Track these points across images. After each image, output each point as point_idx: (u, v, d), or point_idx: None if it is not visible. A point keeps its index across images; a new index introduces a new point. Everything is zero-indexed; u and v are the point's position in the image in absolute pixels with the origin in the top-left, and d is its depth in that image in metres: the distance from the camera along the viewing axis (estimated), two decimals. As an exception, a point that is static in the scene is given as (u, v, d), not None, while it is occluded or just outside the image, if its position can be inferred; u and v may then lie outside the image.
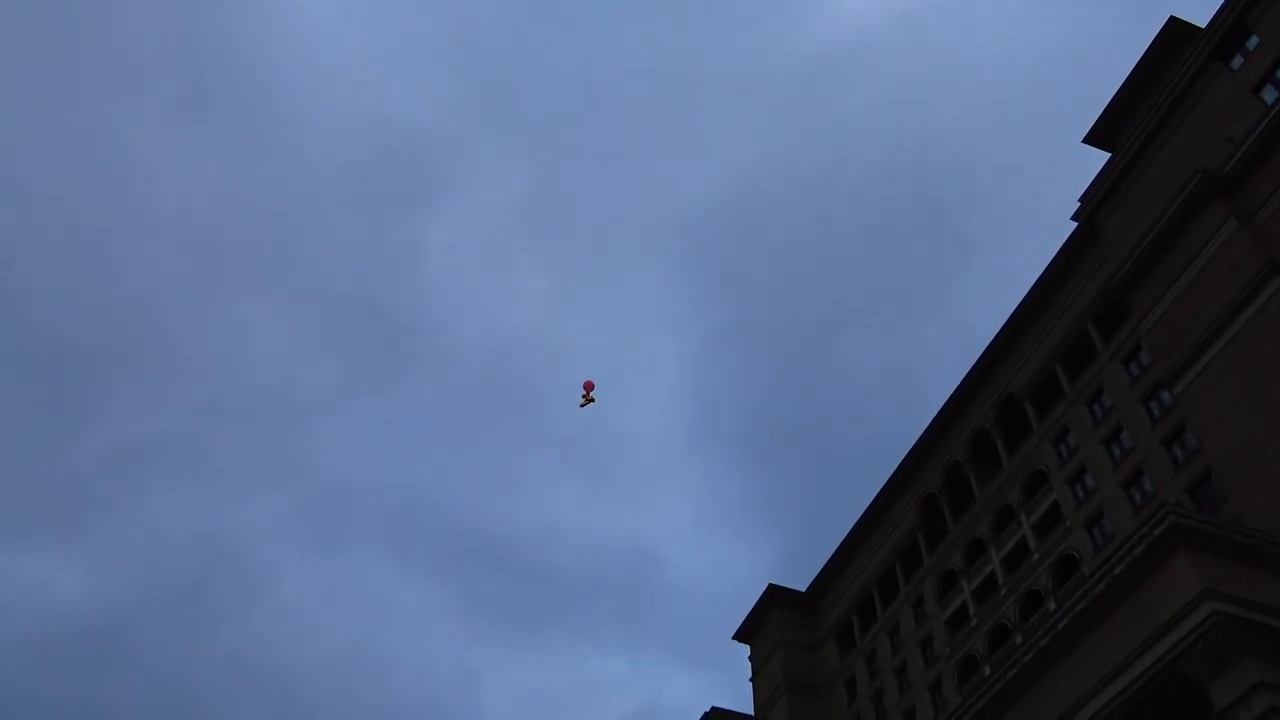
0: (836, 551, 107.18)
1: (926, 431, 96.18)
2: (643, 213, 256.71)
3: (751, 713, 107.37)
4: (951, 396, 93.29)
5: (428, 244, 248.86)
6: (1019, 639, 75.13)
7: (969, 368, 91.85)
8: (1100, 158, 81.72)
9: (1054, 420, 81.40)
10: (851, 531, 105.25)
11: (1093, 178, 78.16)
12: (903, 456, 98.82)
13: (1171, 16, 75.65)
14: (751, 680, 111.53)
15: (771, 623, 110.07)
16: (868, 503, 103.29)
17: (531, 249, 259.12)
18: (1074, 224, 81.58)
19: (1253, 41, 68.24)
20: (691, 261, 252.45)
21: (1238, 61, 68.96)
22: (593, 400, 67.70)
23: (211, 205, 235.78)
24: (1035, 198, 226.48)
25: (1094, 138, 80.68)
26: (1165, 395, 69.05)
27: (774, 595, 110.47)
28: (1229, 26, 69.15)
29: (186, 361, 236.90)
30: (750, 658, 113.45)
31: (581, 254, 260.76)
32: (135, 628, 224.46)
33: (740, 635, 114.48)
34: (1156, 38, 75.85)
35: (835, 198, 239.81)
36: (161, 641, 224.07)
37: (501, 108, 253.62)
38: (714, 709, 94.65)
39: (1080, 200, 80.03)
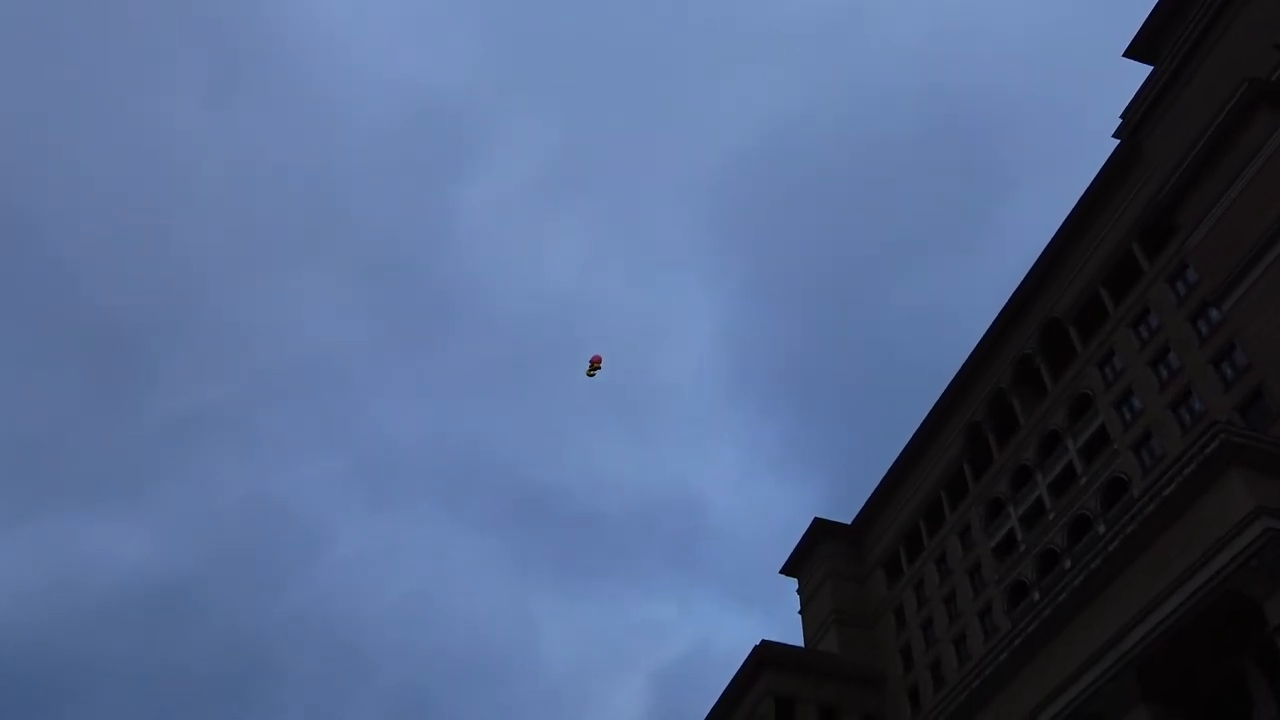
0: (881, 483, 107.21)
1: (969, 360, 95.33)
2: (674, 164, 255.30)
3: (802, 647, 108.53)
4: (994, 323, 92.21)
5: (462, 208, 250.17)
6: (1068, 563, 75.02)
7: (1010, 294, 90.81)
8: (1141, 75, 79.46)
9: (1099, 343, 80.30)
10: (896, 463, 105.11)
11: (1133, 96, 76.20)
12: (945, 387, 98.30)
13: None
14: (800, 613, 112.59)
15: (819, 555, 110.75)
16: (910, 438, 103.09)
17: (565, 206, 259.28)
18: (1115, 150, 79.60)
19: (1300, -59, 65.64)
20: (725, 211, 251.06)
21: (1285, -37, 66.46)
22: (599, 367, 68.43)
23: (251, 181, 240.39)
24: (1074, 130, 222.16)
25: (1135, 51, 78.27)
26: (1214, 313, 67.76)
27: (821, 528, 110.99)
28: (1275, -73, 66.54)
29: (234, 332, 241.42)
30: (799, 591, 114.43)
31: (615, 209, 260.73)
32: (201, 588, 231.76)
33: (788, 569, 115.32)
34: (1199, -57, 73.12)
35: (868, 139, 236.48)
36: (227, 600, 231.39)
37: (528, 68, 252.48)
38: (764, 642, 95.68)
39: (1122, 116, 78.03)
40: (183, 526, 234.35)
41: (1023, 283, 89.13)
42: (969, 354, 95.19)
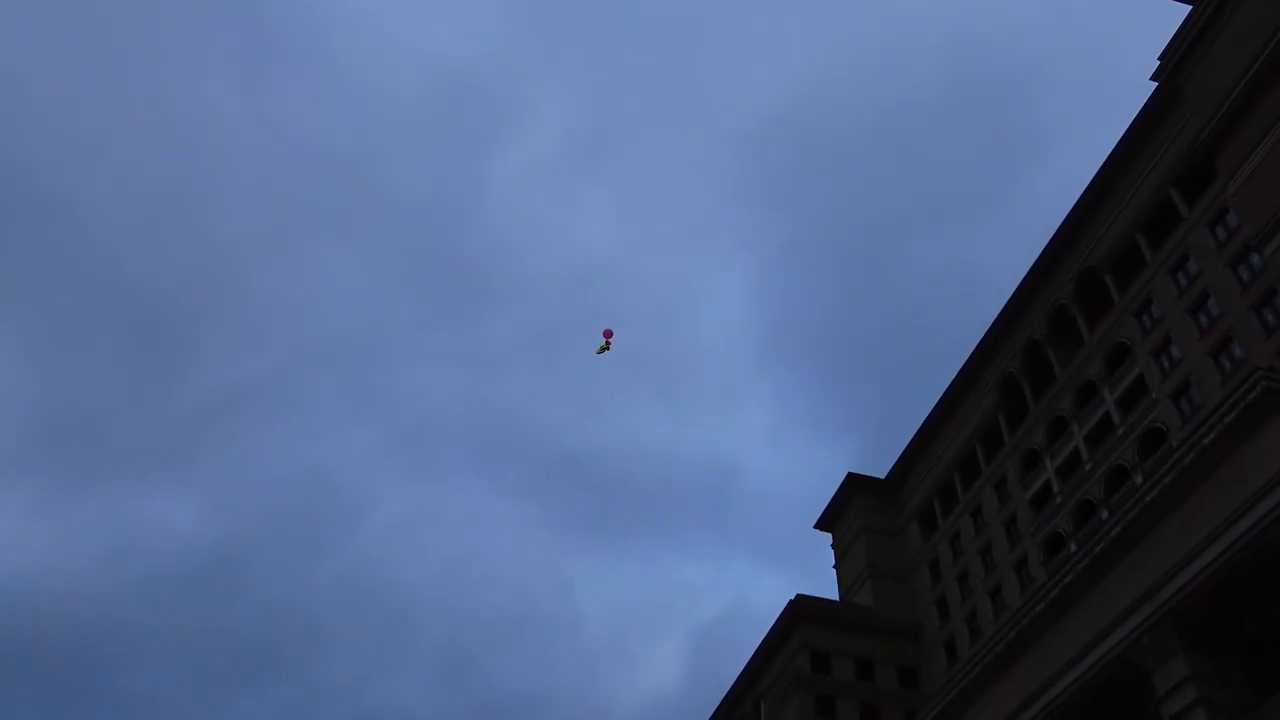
0: (915, 437, 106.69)
1: (1004, 311, 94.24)
2: (701, 130, 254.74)
3: (837, 601, 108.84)
4: (1028, 274, 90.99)
5: (494, 180, 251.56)
6: (1105, 514, 74.48)
7: (1044, 246, 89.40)
8: (1177, 20, 77.26)
9: (1136, 291, 79.04)
10: (930, 416, 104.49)
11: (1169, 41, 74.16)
12: (978, 340, 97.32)
13: None
14: (835, 567, 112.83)
15: (852, 510, 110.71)
16: (944, 391, 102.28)
17: (595, 175, 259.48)
18: (1153, 94, 77.68)
19: None
20: (754, 175, 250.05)
21: (1330, -106, 64.21)
22: (609, 346, 68.36)
23: (286, 158, 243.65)
24: (1108, 83, 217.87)
25: (1173, -10, 76.21)
26: (1255, 258, 66.41)
27: (854, 483, 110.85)
28: None
29: (274, 307, 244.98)
30: (833, 546, 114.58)
31: (644, 176, 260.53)
32: (248, 555, 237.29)
33: (822, 524, 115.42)
34: (1240, -125, 70.68)
35: (896, 97, 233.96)
36: (273, 566, 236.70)
37: (555, 39, 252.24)
38: (799, 596, 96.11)
39: (1160, 59, 76.12)
40: (230, 496, 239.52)
41: (1058, 232, 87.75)
42: (1003, 306, 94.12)
